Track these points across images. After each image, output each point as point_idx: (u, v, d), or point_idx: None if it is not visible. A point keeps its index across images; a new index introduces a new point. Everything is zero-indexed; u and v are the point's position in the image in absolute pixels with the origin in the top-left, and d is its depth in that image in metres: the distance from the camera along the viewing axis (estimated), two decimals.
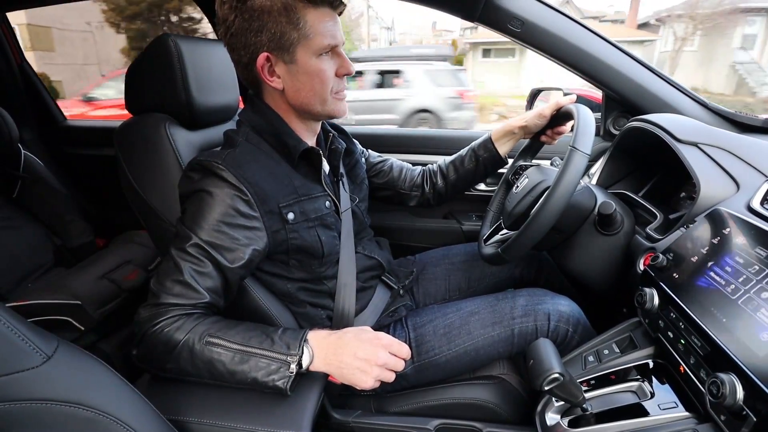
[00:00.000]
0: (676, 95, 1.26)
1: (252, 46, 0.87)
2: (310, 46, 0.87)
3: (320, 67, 0.89)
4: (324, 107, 0.94)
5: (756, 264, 0.70)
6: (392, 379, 0.83)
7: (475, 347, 1.04)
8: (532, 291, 1.11)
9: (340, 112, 0.97)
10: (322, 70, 0.89)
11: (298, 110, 0.95)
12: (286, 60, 0.88)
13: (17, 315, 0.61)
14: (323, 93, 0.92)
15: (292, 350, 0.79)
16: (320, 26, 0.86)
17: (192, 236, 0.82)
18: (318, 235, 0.96)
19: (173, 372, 0.81)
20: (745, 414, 0.60)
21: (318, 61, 0.89)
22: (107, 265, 1.64)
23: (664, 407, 0.77)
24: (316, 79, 0.90)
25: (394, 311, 1.13)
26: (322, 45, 0.87)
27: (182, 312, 0.80)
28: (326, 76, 0.90)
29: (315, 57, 0.88)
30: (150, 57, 1.02)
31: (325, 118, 1.00)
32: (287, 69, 0.89)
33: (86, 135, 2.17)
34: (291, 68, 0.89)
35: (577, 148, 0.90)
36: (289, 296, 1.01)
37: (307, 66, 0.88)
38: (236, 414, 0.79)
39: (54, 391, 0.60)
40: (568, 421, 0.84)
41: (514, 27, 1.21)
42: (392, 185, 1.32)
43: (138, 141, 1.01)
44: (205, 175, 0.86)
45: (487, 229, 1.24)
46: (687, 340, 0.75)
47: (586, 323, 1.07)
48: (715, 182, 0.92)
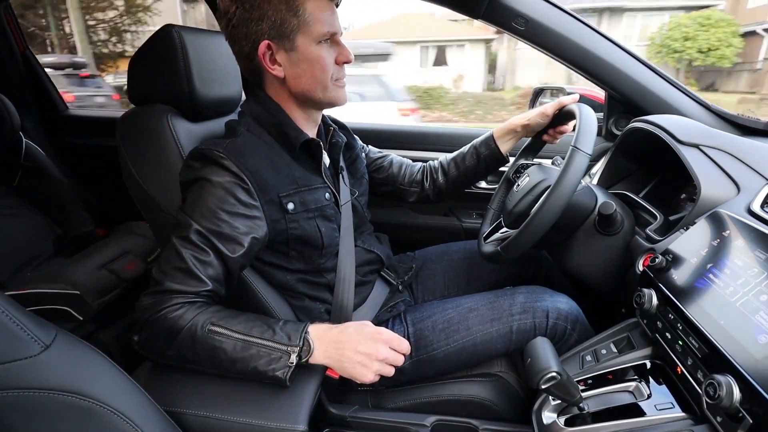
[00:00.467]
0: (679, 96, 1.25)
1: (253, 35, 0.89)
2: (309, 33, 0.89)
3: (320, 54, 0.91)
4: (325, 94, 0.95)
5: (755, 267, 0.70)
6: (392, 374, 0.84)
7: (474, 343, 1.04)
8: (531, 288, 1.11)
9: (341, 99, 0.98)
10: (322, 57, 0.91)
11: (299, 98, 0.96)
12: (287, 48, 0.90)
13: (16, 303, 0.61)
14: (324, 79, 0.93)
15: (293, 341, 0.80)
16: (319, 14, 0.89)
17: (193, 224, 0.83)
18: (318, 226, 0.97)
19: (173, 359, 0.81)
20: (741, 416, 0.60)
21: (318, 48, 0.91)
22: (107, 255, 1.64)
23: (661, 408, 0.77)
24: (317, 65, 0.92)
25: (393, 307, 1.14)
26: (322, 32, 0.90)
27: (185, 300, 0.81)
28: (326, 63, 0.92)
29: (315, 44, 0.90)
30: (153, 48, 1.01)
31: (327, 106, 1.01)
32: (288, 57, 0.91)
33: (88, 124, 2.16)
34: (292, 56, 0.91)
35: (579, 148, 0.90)
36: (289, 288, 1.01)
37: (308, 53, 0.90)
38: (233, 406, 0.79)
39: (51, 380, 0.61)
40: (564, 420, 0.84)
41: (518, 25, 1.21)
42: (392, 181, 1.32)
43: (140, 132, 1.01)
44: (207, 164, 0.87)
45: (487, 227, 1.24)
46: (685, 342, 0.75)
47: (584, 321, 1.08)
48: (715, 184, 0.92)
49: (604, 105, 1.46)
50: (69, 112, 2.21)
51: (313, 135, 1.04)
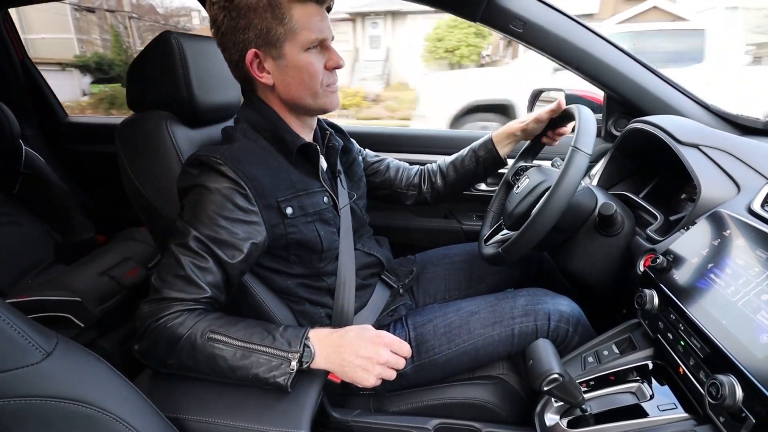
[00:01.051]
0: (678, 97, 1.26)
1: (241, 43, 0.89)
2: (297, 40, 0.89)
3: (308, 61, 0.91)
4: (316, 100, 0.95)
5: (756, 266, 0.70)
6: (393, 377, 0.84)
7: (475, 347, 1.04)
8: (532, 291, 1.11)
9: (333, 105, 0.98)
10: (310, 63, 0.91)
11: (290, 105, 0.96)
12: (274, 55, 0.90)
13: (17, 311, 0.61)
14: (314, 86, 0.93)
15: (294, 347, 0.79)
16: (306, 21, 0.88)
17: (191, 231, 0.83)
18: (317, 230, 0.97)
19: (174, 367, 0.81)
20: (744, 415, 0.60)
21: (306, 55, 0.90)
22: (107, 261, 1.64)
23: (664, 408, 0.76)
24: (305, 72, 0.91)
25: (394, 310, 1.13)
26: (309, 39, 0.89)
27: (184, 308, 0.81)
28: (315, 69, 0.92)
29: (303, 51, 0.90)
30: (152, 54, 1.02)
31: (318, 112, 1.01)
32: (276, 64, 0.91)
33: (87, 131, 2.17)
34: (280, 63, 0.91)
35: (579, 148, 0.90)
36: (289, 293, 1.01)
37: (296, 60, 0.90)
38: (235, 412, 0.79)
39: (53, 387, 0.60)
40: (567, 422, 0.84)
41: (516, 27, 1.21)
42: (389, 184, 1.33)
43: (139, 138, 1.01)
44: (204, 170, 0.87)
45: (488, 229, 1.24)
46: (686, 342, 0.75)
47: (586, 323, 1.07)
48: (715, 184, 0.92)
49: (603, 106, 1.46)
50: (68, 119, 2.21)
51: (309, 139, 1.03)
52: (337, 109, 1.00)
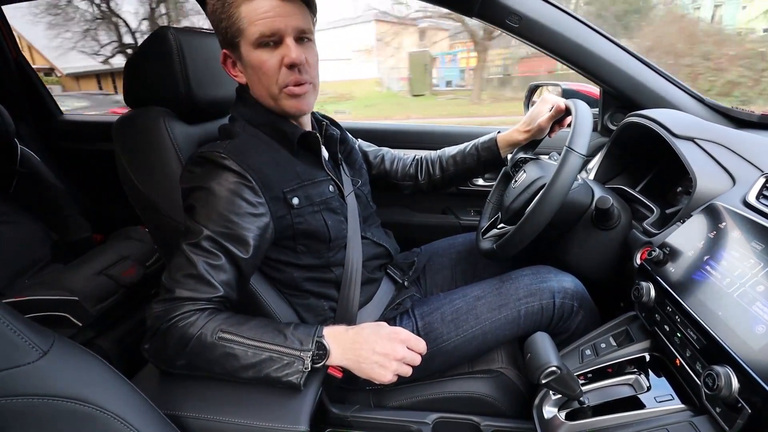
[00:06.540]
0: (673, 90, 1.26)
1: (219, 44, 0.93)
2: (247, 38, 0.87)
3: (260, 59, 0.88)
4: (276, 103, 0.93)
5: (751, 258, 0.71)
6: (409, 374, 0.84)
7: (483, 331, 1.04)
8: (535, 269, 1.11)
9: (291, 109, 0.93)
10: (262, 62, 0.88)
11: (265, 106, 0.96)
12: (237, 56, 0.91)
13: (13, 311, 0.61)
14: (269, 87, 0.91)
15: (306, 345, 0.79)
16: (253, 16, 0.85)
17: (203, 230, 0.82)
18: (324, 219, 0.97)
19: (184, 368, 0.81)
20: (740, 406, 0.61)
21: (258, 53, 0.88)
22: (105, 260, 1.63)
23: (661, 400, 0.77)
24: (259, 71, 0.90)
25: (399, 304, 1.13)
26: (256, 35, 0.86)
27: (196, 307, 0.80)
28: (266, 67, 0.88)
29: (254, 49, 0.88)
30: (149, 50, 1.01)
31: (284, 116, 0.97)
32: (240, 65, 0.93)
33: (83, 129, 2.16)
34: (242, 63, 0.92)
35: (573, 148, 0.91)
36: (294, 286, 1.01)
37: (250, 59, 0.89)
38: (234, 409, 0.79)
39: (51, 386, 0.61)
40: (565, 414, 0.84)
41: (511, 22, 1.20)
42: (384, 176, 1.33)
43: (136, 135, 1.01)
44: (208, 168, 0.87)
45: (486, 221, 1.24)
46: (683, 334, 0.75)
47: (589, 300, 1.07)
48: (711, 177, 0.93)
49: (599, 100, 1.46)
50: (64, 117, 2.20)
51: (308, 129, 1.03)
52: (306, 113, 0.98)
